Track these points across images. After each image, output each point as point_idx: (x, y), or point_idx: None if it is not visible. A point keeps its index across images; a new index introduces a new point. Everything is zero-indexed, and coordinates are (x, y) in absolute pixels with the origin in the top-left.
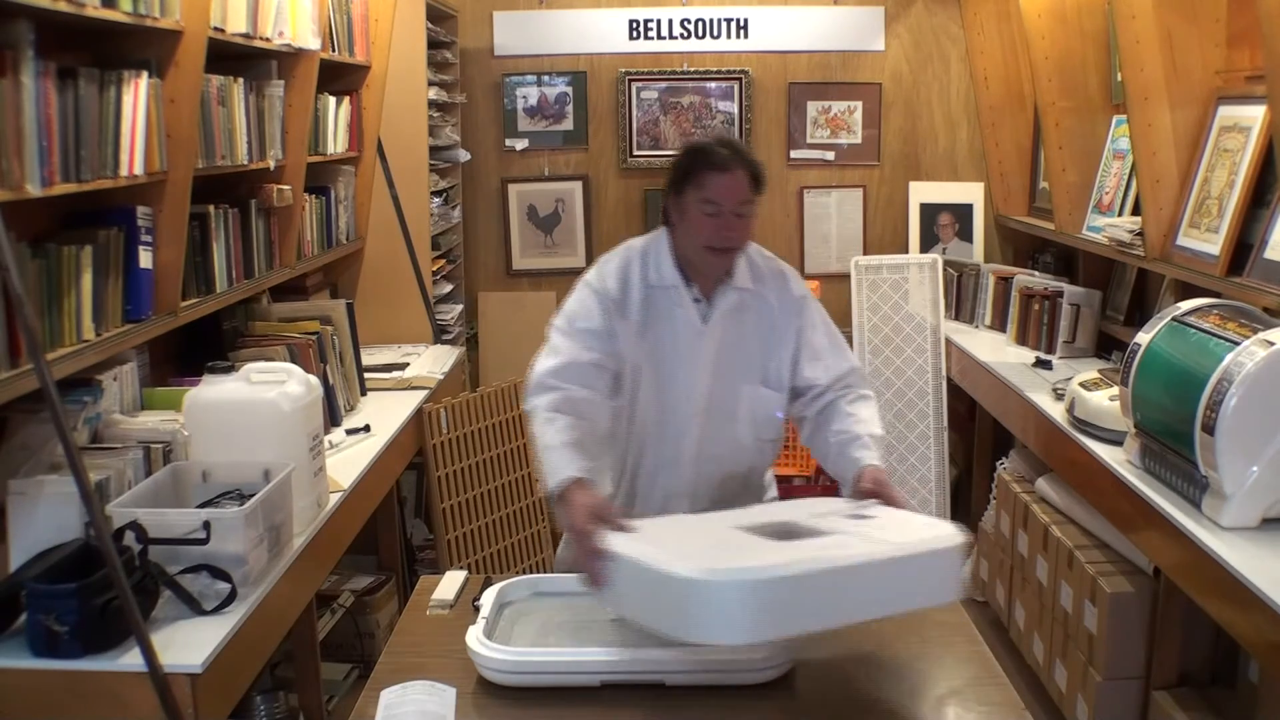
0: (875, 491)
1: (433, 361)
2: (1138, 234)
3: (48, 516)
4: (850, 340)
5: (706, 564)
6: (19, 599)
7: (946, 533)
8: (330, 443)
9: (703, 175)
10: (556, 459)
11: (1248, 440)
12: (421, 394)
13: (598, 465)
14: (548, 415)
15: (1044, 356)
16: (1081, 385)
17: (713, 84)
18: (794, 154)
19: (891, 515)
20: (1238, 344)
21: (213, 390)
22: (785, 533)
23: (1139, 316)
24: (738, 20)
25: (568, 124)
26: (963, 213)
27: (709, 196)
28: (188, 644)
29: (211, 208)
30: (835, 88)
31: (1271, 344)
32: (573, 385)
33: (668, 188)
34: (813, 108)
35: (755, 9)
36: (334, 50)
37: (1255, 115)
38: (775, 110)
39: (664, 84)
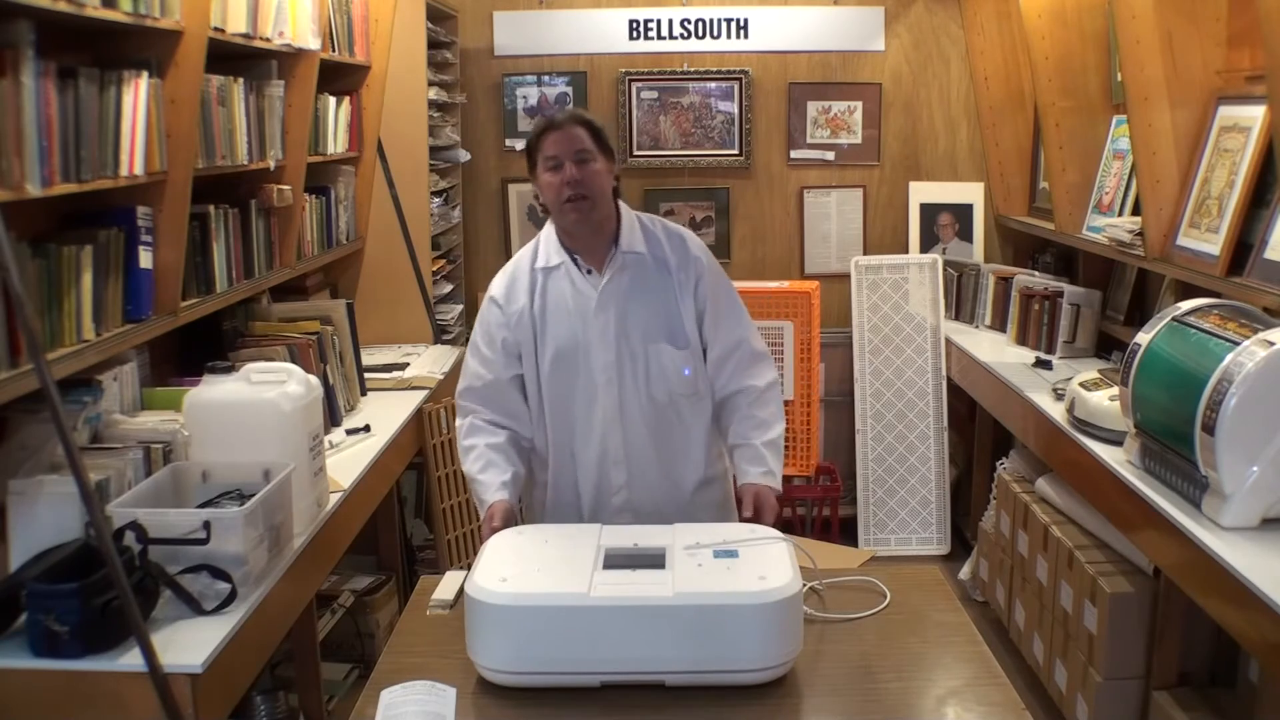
0: (754, 515)
1: (433, 361)
2: (1138, 234)
3: (48, 516)
4: (850, 340)
5: (500, 580)
6: (19, 599)
7: (776, 585)
8: (330, 443)
9: (541, 139)
10: (477, 489)
11: (1248, 440)
12: (421, 394)
13: (514, 474)
14: (464, 445)
15: (1044, 356)
16: (1081, 385)
17: (713, 84)
18: (794, 154)
19: (755, 558)
20: (1238, 344)
21: (213, 390)
22: (637, 561)
23: (1139, 316)
24: (738, 20)
25: None
26: (963, 213)
27: (548, 153)
28: (188, 644)
29: (211, 208)
30: (835, 88)
31: (1271, 344)
32: (477, 405)
33: (529, 174)
34: (813, 108)
35: (755, 9)
36: (334, 50)
37: (1255, 115)
38: (775, 110)
39: (664, 84)
